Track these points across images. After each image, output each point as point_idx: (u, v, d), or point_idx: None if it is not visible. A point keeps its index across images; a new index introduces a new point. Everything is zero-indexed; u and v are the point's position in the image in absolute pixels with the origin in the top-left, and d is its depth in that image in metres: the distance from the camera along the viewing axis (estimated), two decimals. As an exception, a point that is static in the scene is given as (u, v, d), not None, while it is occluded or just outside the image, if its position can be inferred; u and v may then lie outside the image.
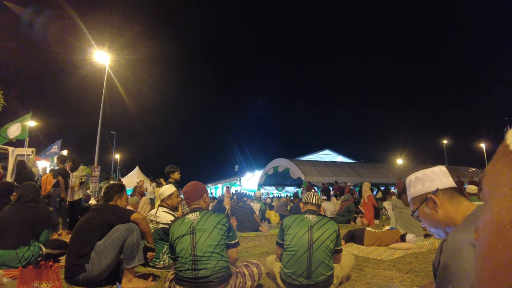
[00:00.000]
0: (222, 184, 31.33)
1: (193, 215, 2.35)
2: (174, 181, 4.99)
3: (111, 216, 2.73)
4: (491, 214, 0.29)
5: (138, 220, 2.76)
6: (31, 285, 2.20)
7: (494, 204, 0.29)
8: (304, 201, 2.75)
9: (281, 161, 19.15)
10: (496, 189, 0.29)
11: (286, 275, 2.46)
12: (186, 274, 2.18)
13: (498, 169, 0.30)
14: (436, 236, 1.17)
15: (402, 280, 2.79)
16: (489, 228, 0.29)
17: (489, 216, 0.29)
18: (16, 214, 3.10)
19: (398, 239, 4.63)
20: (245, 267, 2.45)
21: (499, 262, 0.26)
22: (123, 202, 2.95)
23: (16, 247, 2.97)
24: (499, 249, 0.27)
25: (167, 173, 5.14)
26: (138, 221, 2.75)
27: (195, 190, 2.51)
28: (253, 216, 6.75)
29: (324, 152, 27.45)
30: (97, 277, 2.58)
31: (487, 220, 0.30)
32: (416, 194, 1.19)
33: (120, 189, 2.95)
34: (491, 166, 0.31)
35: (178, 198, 3.86)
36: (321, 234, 2.44)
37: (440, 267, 0.91)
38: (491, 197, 0.30)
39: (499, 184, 0.29)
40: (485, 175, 0.32)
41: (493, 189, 0.30)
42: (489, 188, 0.31)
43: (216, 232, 2.26)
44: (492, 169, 0.31)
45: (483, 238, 0.30)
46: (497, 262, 0.27)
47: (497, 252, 0.27)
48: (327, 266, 2.41)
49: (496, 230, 0.28)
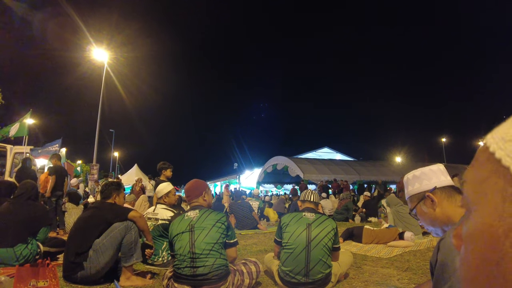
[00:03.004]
0: (221, 182, 31.32)
1: (193, 213, 2.35)
2: (165, 179, 4.86)
3: (109, 214, 2.72)
4: (481, 224, 0.27)
5: (135, 218, 2.75)
6: (28, 283, 2.19)
7: (482, 214, 0.27)
8: (302, 199, 2.75)
9: (280, 159, 19.13)
10: (483, 198, 0.28)
11: (284, 273, 2.46)
12: (185, 272, 2.18)
13: (484, 177, 0.28)
14: (433, 234, 1.17)
15: (400, 278, 2.80)
16: (480, 239, 0.27)
17: (479, 227, 0.28)
18: (13, 212, 3.09)
19: (396, 237, 4.65)
20: (243, 265, 2.45)
21: (492, 274, 0.25)
22: (121, 200, 2.94)
23: (14, 245, 2.96)
24: (493, 261, 0.25)
25: (159, 170, 5.00)
26: (135, 219, 2.75)
27: (195, 188, 2.50)
28: (251, 214, 6.76)
29: (323, 150, 27.41)
30: (95, 275, 2.57)
31: (476, 230, 0.28)
32: (414, 193, 1.19)
33: (118, 187, 2.95)
34: (473, 174, 0.30)
35: (175, 196, 3.85)
36: (319, 232, 2.44)
37: (437, 265, 0.90)
38: (478, 206, 0.28)
39: (486, 193, 0.27)
40: (466, 182, 0.31)
41: (479, 198, 0.28)
42: (474, 197, 0.29)
43: (215, 230, 2.26)
44: (475, 177, 0.29)
45: (473, 249, 0.28)
46: (490, 274, 0.25)
47: (491, 264, 0.25)
48: (325, 264, 2.41)
49: (489, 241, 0.26)
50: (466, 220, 0.30)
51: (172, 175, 5.03)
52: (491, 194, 0.27)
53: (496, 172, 0.26)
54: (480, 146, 0.30)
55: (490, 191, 0.27)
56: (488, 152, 0.28)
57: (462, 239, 0.30)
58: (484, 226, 0.27)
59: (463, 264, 0.29)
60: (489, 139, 0.29)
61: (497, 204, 0.26)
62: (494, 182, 0.26)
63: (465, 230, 0.30)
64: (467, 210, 0.30)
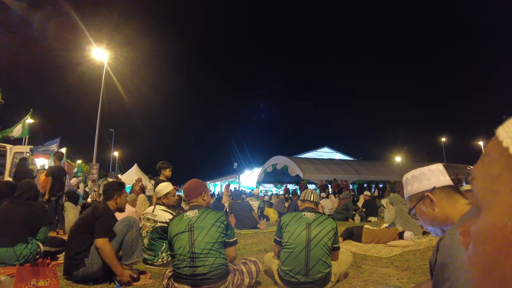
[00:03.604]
0: (221, 181, 31.31)
1: (192, 213, 2.36)
2: (165, 178, 4.81)
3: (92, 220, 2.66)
4: (493, 225, 0.25)
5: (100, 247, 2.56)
6: (28, 282, 2.20)
7: (494, 214, 0.25)
8: (302, 199, 2.75)
9: (279, 159, 19.14)
10: (495, 197, 0.26)
11: (284, 273, 2.47)
12: (184, 271, 2.18)
13: (496, 174, 0.26)
14: (433, 234, 1.18)
15: (400, 278, 2.81)
16: (491, 241, 0.25)
17: (491, 227, 0.26)
18: (13, 212, 3.09)
19: (396, 236, 4.65)
20: (243, 264, 2.46)
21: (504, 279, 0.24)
22: (123, 200, 2.95)
23: (14, 244, 2.96)
24: (506, 265, 0.23)
25: (158, 170, 4.95)
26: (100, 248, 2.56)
27: (194, 187, 2.51)
28: (251, 214, 6.76)
29: (323, 149, 27.39)
30: (96, 272, 2.58)
31: (488, 231, 0.26)
32: (413, 192, 1.19)
33: (120, 187, 2.95)
34: (484, 170, 0.28)
35: (175, 197, 3.78)
36: (319, 231, 2.45)
37: (437, 265, 0.91)
38: (489, 205, 0.26)
39: (499, 192, 0.25)
40: (476, 178, 0.29)
41: (491, 196, 0.26)
42: (485, 195, 0.27)
43: (214, 229, 2.26)
44: (486, 173, 0.27)
45: (484, 251, 0.26)
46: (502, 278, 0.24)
47: (503, 268, 0.24)
48: (324, 264, 2.42)
49: (502, 244, 0.24)
50: (476, 218, 0.28)
51: (171, 175, 5.01)
52: (504, 193, 0.25)
53: (510, 169, 0.25)
54: (491, 139, 0.28)
55: (504, 190, 0.25)
56: (501, 147, 0.26)
57: (471, 237, 0.28)
58: (496, 227, 0.25)
59: (472, 264, 0.27)
60: (501, 133, 0.27)
61: (511, 204, 0.24)
62: (508, 180, 0.25)
63: (475, 229, 0.28)
64: (477, 208, 0.28)
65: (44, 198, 5.87)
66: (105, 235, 2.61)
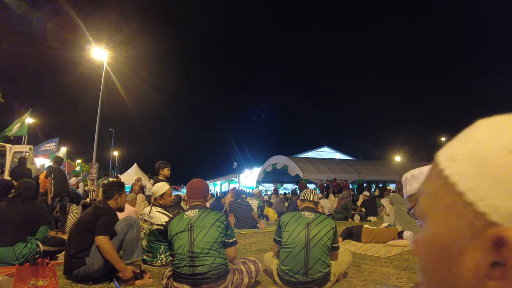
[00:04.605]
0: (220, 181, 31.32)
1: (192, 212, 2.36)
2: (163, 178, 4.75)
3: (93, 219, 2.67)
4: (432, 234, 0.31)
5: (100, 245, 2.57)
6: (27, 282, 2.20)
7: (433, 224, 0.31)
8: (302, 198, 2.76)
9: (279, 158, 19.15)
10: (434, 210, 0.31)
11: (283, 272, 2.47)
12: (184, 271, 2.19)
13: (434, 191, 0.31)
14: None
15: (399, 277, 2.81)
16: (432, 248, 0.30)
17: (431, 236, 0.31)
18: (13, 211, 3.09)
19: (395, 236, 4.65)
20: (243, 264, 2.46)
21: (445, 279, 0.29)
22: (123, 200, 2.95)
23: (13, 244, 2.96)
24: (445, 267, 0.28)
25: (156, 169, 4.88)
26: (100, 245, 2.58)
27: (201, 188, 2.52)
28: (251, 213, 6.76)
29: (323, 149, 27.41)
30: (97, 271, 2.59)
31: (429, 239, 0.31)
32: (412, 192, 1.19)
33: (120, 187, 2.95)
34: (427, 187, 0.33)
35: (171, 197, 3.64)
36: (319, 231, 2.45)
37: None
38: (430, 217, 0.31)
39: (437, 205, 0.30)
40: (423, 194, 0.34)
41: (431, 210, 0.31)
42: (427, 208, 0.32)
43: (214, 229, 2.26)
44: (429, 190, 0.32)
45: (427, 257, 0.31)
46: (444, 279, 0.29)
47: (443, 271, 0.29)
48: (324, 263, 2.42)
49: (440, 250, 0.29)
50: (422, 229, 0.33)
51: (170, 174, 4.99)
52: (440, 207, 0.30)
53: (444, 187, 0.30)
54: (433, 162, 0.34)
55: (439, 204, 0.30)
56: (438, 168, 0.31)
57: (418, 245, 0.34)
58: (434, 236, 0.30)
59: (421, 271, 0.33)
60: (439, 157, 0.32)
61: (445, 216, 0.29)
62: (443, 195, 0.30)
63: (419, 238, 0.33)
64: (423, 220, 0.33)
65: (47, 200, 5.83)
66: (105, 233, 2.61)
